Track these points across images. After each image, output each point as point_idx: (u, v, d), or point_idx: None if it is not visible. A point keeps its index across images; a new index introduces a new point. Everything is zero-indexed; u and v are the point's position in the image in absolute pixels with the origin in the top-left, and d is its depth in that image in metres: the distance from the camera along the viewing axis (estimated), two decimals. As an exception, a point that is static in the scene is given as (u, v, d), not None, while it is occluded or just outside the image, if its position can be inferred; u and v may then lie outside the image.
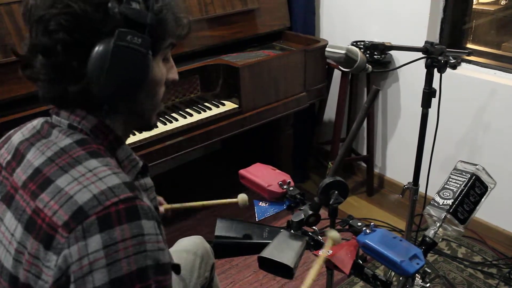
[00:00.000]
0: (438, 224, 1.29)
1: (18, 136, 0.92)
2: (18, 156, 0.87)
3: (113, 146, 0.88)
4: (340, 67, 1.87)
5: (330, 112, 2.90)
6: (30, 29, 0.81)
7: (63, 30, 0.77)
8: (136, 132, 1.89)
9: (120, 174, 0.79)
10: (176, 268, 1.01)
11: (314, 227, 1.20)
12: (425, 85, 1.69)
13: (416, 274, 1.11)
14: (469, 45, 2.41)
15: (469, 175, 1.34)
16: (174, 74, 0.94)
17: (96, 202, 0.73)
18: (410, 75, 2.49)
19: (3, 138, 0.96)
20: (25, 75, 0.86)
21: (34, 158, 0.83)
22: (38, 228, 0.76)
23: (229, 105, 2.19)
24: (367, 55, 2.35)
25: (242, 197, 1.40)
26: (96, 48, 0.77)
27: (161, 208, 1.40)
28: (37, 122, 0.92)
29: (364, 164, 2.88)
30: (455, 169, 1.39)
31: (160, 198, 1.41)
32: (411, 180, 1.87)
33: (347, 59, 1.44)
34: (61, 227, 0.73)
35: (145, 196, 0.81)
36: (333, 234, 1.08)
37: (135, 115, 0.91)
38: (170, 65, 0.94)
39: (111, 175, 0.78)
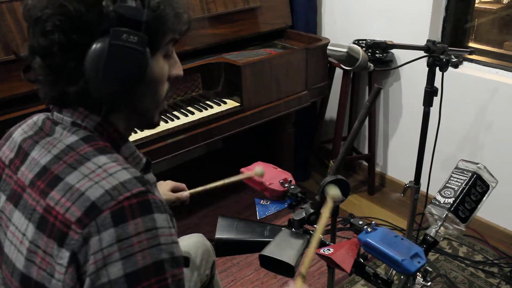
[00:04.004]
0: (439, 223, 1.29)
1: (19, 132, 0.91)
2: (22, 154, 0.87)
3: (117, 144, 0.87)
4: (342, 65, 1.86)
5: (331, 110, 2.90)
6: (28, 30, 0.81)
7: (58, 30, 0.76)
8: (137, 130, 1.89)
9: (130, 169, 0.79)
10: (186, 261, 1.01)
11: (315, 226, 1.20)
12: (427, 84, 1.69)
13: (417, 273, 1.11)
14: (471, 44, 2.41)
15: (471, 174, 1.34)
16: (178, 70, 0.92)
17: (109, 197, 0.73)
18: (412, 74, 2.48)
19: (5, 135, 0.96)
20: (26, 78, 0.85)
21: (40, 156, 0.83)
22: (50, 226, 0.76)
23: (230, 104, 2.20)
24: (369, 54, 2.37)
25: (258, 170, 1.34)
26: (92, 48, 0.76)
27: (185, 193, 1.39)
28: (37, 118, 0.91)
29: (365, 163, 2.88)
30: (456, 167, 1.39)
31: (182, 185, 1.41)
32: (412, 178, 1.87)
33: (349, 58, 1.43)
34: (74, 224, 0.73)
35: (156, 190, 0.81)
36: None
37: (137, 114, 0.90)
38: (174, 61, 0.91)
39: (121, 170, 0.78)
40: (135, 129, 1.38)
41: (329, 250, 1.09)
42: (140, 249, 0.72)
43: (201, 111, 2.13)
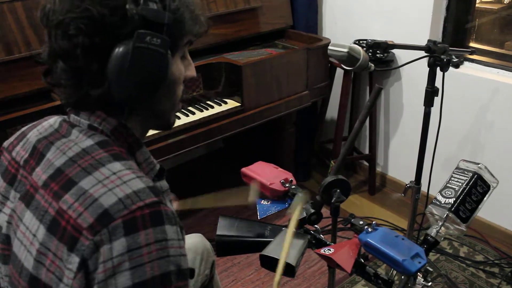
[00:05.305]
0: (440, 223, 1.29)
1: (34, 133, 0.91)
2: (37, 154, 0.87)
3: (132, 149, 0.87)
4: (342, 65, 1.87)
5: (332, 110, 2.90)
6: (48, 34, 0.81)
7: (82, 34, 0.77)
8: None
9: (143, 178, 0.79)
10: (191, 272, 1.01)
11: (315, 226, 1.20)
12: (427, 84, 1.69)
13: (418, 273, 1.11)
14: (472, 44, 2.40)
15: (471, 174, 1.34)
16: (192, 71, 0.94)
17: (122, 205, 0.73)
18: (413, 74, 2.48)
19: (17, 135, 0.95)
20: (46, 82, 0.86)
21: (55, 157, 0.83)
22: (62, 230, 0.75)
23: (231, 104, 2.19)
24: (370, 54, 2.36)
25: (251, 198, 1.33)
26: (116, 51, 0.77)
27: (175, 205, 1.39)
28: (54, 121, 0.92)
29: (366, 163, 2.88)
30: (457, 168, 1.39)
31: (172, 195, 1.41)
32: (413, 179, 1.87)
33: (350, 58, 1.43)
34: (86, 230, 0.73)
35: (168, 201, 0.81)
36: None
37: (154, 116, 0.91)
38: (188, 62, 0.93)
39: (135, 178, 0.78)
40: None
41: (330, 250, 1.09)
42: (149, 260, 0.72)
43: (201, 111, 2.13)
